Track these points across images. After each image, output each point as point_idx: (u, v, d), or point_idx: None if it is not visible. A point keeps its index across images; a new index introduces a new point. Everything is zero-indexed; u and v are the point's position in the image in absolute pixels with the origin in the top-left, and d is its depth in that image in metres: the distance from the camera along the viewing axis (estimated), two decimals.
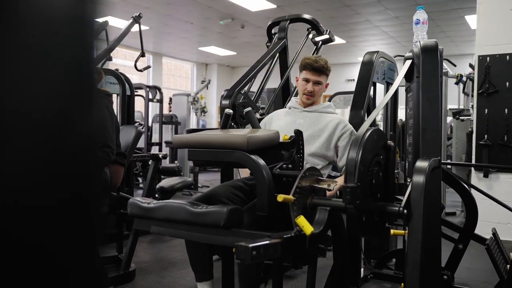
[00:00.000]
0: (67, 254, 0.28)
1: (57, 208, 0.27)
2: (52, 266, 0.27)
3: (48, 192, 0.27)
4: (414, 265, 1.35)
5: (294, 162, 1.59)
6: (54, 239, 0.27)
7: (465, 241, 2.29)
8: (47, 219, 0.27)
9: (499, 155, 3.52)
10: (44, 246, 0.27)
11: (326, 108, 2.16)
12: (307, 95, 2.11)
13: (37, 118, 0.27)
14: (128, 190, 3.21)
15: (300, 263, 1.80)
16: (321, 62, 2.10)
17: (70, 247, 0.28)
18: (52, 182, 0.27)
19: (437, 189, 1.50)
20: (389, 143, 1.60)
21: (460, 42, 8.95)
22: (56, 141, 0.28)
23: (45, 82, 0.28)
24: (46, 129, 0.27)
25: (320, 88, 2.12)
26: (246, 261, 1.15)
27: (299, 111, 2.16)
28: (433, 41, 1.66)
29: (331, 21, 7.49)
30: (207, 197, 1.78)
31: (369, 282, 2.51)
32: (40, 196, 0.27)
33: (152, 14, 7.32)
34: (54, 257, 0.27)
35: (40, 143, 0.27)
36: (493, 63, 3.57)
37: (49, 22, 0.28)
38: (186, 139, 1.68)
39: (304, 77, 2.11)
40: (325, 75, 2.13)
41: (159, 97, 5.94)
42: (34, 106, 0.27)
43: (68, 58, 0.29)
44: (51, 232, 0.27)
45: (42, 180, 0.27)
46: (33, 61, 0.27)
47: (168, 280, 2.51)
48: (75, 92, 0.30)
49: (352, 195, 1.28)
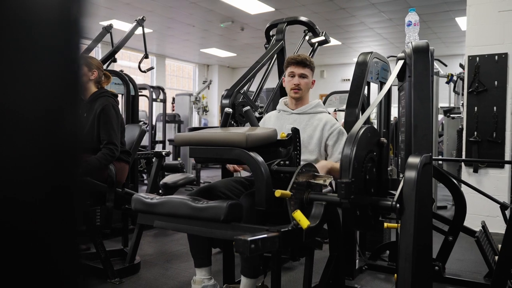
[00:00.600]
0: (52, 245, 0.29)
1: (43, 201, 0.28)
2: (38, 255, 0.28)
3: (34, 187, 0.28)
4: (406, 256, 1.39)
5: (291, 159, 1.63)
6: (41, 230, 0.28)
7: (455, 233, 2.37)
8: (34, 211, 0.28)
9: (488, 151, 3.60)
10: (31, 237, 0.28)
11: (315, 108, 2.16)
12: (294, 89, 2.12)
13: (24, 117, 0.27)
14: (133, 187, 3.27)
15: (298, 255, 1.85)
16: (303, 56, 2.14)
17: (55, 238, 0.29)
18: (38, 177, 0.28)
19: (428, 184, 1.55)
20: (382, 140, 1.65)
21: (450, 43, 9.07)
22: (42, 139, 0.28)
23: (31, 82, 0.28)
24: (32, 128, 0.28)
25: (306, 82, 2.13)
26: (245, 254, 1.19)
27: (288, 114, 2.17)
28: (424, 42, 1.70)
29: (327, 23, 7.58)
30: (208, 189, 1.85)
31: (364, 273, 2.57)
32: (27, 190, 0.27)
33: (155, 17, 7.39)
34: (40, 247, 0.28)
35: (27, 141, 0.27)
36: (482, 63, 3.65)
37: (36, 23, 0.28)
38: (188, 137, 1.72)
39: (290, 71, 2.13)
40: (310, 68, 2.14)
41: (163, 97, 6.03)
42: (21, 105, 0.27)
43: (54, 59, 0.29)
44: (38, 223, 0.28)
45: (30, 175, 0.28)
46: (20, 62, 0.27)
47: (171, 272, 2.57)
48: (60, 91, 0.30)
49: (347, 190, 1.33)
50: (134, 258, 2.53)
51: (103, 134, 2.30)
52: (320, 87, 10.86)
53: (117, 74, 3.46)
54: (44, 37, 0.29)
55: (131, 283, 2.36)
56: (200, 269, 1.94)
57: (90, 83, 2.40)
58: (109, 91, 2.46)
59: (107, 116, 2.31)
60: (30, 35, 0.28)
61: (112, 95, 2.43)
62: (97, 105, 2.35)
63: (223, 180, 1.97)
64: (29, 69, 0.28)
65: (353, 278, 2.43)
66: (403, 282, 1.39)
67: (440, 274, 2.38)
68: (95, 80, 2.42)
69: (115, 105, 2.39)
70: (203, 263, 1.94)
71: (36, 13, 0.28)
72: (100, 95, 2.38)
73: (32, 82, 0.28)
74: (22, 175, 0.27)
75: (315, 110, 2.15)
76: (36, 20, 0.28)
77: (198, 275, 1.94)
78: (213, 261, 2.78)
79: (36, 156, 0.28)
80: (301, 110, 2.15)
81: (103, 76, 2.48)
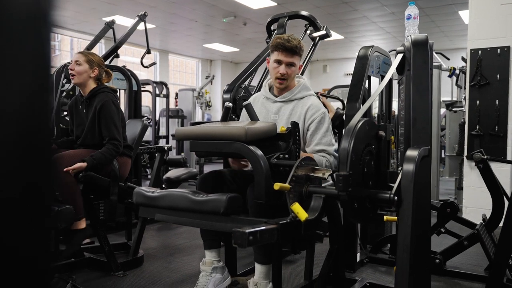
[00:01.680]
0: (24, 238, 0.29)
1: (15, 197, 0.29)
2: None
3: (7, 182, 0.28)
4: (404, 248, 1.40)
5: (290, 152, 1.64)
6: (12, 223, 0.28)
7: (473, 241, 2.34)
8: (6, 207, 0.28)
9: (490, 145, 3.60)
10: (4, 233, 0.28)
11: (300, 93, 2.01)
12: (279, 80, 1.96)
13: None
14: (136, 181, 3.30)
15: (299, 248, 1.87)
16: (294, 42, 1.93)
17: (26, 232, 0.29)
18: (11, 172, 0.28)
19: (426, 176, 1.55)
20: (381, 133, 1.66)
21: (453, 37, 9.01)
22: (14, 134, 0.28)
23: (3, 78, 0.28)
24: (5, 123, 0.28)
25: (293, 70, 1.96)
26: (243, 246, 1.21)
27: (271, 101, 2.05)
28: (423, 36, 1.70)
29: (329, 17, 7.55)
30: (218, 173, 1.89)
31: (365, 266, 2.59)
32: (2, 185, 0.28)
33: (158, 13, 7.41)
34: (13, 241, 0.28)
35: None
36: (484, 57, 3.64)
37: (7, 18, 0.28)
38: (188, 131, 1.74)
39: (276, 59, 1.95)
40: (298, 55, 1.97)
41: (166, 92, 6.07)
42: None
43: (25, 54, 0.29)
44: (10, 218, 0.28)
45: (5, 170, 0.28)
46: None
47: (174, 265, 2.60)
48: (32, 86, 0.30)
49: (344, 183, 1.34)
50: (137, 252, 2.57)
51: (105, 130, 2.32)
52: (323, 82, 10.85)
53: (119, 70, 3.48)
54: (15, 32, 0.29)
55: (135, 276, 2.40)
56: (210, 251, 1.94)
57: (90, 80, 2.41)
58: (108, 86, 2.48)
59: (108, 112, 2.32)
60: (2, 31, 0.28)
61: (111, 90, 2.45)
62: (96, 101, 2.36)
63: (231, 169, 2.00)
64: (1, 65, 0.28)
65: (354, 270, 2.45)
66: (401, 273, 1.40)
67: (440, 267, 2.40)
68: (95, 77, 2.43)
69: (114, 100, 2.40)
70: (213, 244, 1.94)
71: (8, 9, 0.28)
72: (99, 91, 2.39)
73: (2, 77, 0.28)
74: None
75: (300, 95, 2.01)
76: (8, 16, 0.28)
77: (208, 257, 1.94)
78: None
79: (8, 150, 0.28)
80: (285, 97, 2.01)
81: (104, 74, 2.49)
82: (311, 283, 2.07)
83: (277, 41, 1.95)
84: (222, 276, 1.93)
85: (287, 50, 1.93)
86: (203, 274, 1.92)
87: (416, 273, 1.42)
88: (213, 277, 1.90)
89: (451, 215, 2.39)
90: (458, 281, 2.37)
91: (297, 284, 2.15)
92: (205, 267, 1.93)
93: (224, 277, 1.95)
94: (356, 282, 2.17)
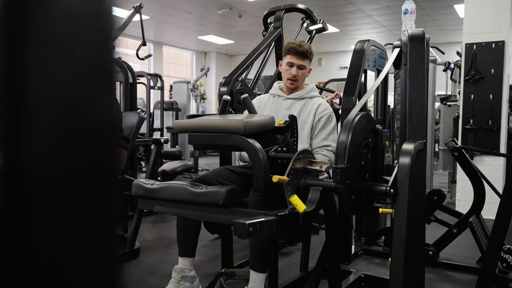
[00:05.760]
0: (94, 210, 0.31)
1: (86, 174, 0.30)
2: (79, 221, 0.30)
3: (77, 162, 0.30)
4: (400, 239, 1.43)
5: (288, 145, 1.66)
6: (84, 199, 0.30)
7: (462, 227, 2.42)
8: (79, 183, 0.30)
9: (483, 139, 3.64)
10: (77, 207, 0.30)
11: (310, 93, 2.18)
12: (291, 80, 2.13)
13: (65, 105, 0.29)
14: (132, 173, 3.30)
15: (295, 240, 1.89)
16: (305, 47, 2.11)
17: (97, 205, 0.31)
18: (80, 153, 0.30)
19: (422, 170, 1.58)
20: (378, 127, 1.68)
21: (448, 31, 9.04)
22: (82, 125, 0.30)
23: (71, 73, 0.29)
24: (73, 115, 0.29)
25: (303, 72, 2.15)
26: (243, 237, 1.22)
27: (283, 99, 2.19)
28: (420, 30, 1.72)
29: (325, 10, 7.53)
30: (201, 180, 1.84)
31: (359, 258, 2.63)
32: (71, 167, 0.29)
33: (152, 4, 7.35)
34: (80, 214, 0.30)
35: (68, 127, 0.29)
36: (479, 51, 3.66)
37: (74, 16, 0.29)
38: (187, 124, 1.74)
39: (288, 61, 2.13)
40: (309, 59, 2.15)
41: (160, 84, 6.02)
42: (62, 94, 0.29)
43: (92, 50, 0.31)
44: (82, 193, 0.30)
45: (73, 152, 0.29)
46: (61, 54, 0.29)
47: (170, 257, 2.62)
48: (96, 81, 0.31)
49: (342, 176, 1.36)
50: (134, 244, 2.58)
51: None
52: (318, 75, 10.83)
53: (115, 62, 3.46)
54: (81, 30, 0.30)
55: (131, 267, 2.41)
56: (183, 258, 1.94)
57: None
58: None
59: None
60: (69, 29, 0.29)
61: None
62: None
63: (215, 170, 1.98)
64: (69, 61, 0.29)
65: (349, 262, 2.48)
66: (396, 264, 1.43)
67: (434, 258, 2.44)
68: None
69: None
70: (187, 252, 1.94)
71: (74, 7, 0.29)
72: None
73: (70, 73, 0.29)
74: (65, 148, 0.29)
75: (309, 94, 2.18)
76: (75, 14, 0.29)
77: (180, 264, 1.94)
78: (212, 246, 2.85)
79: (76, 138, 0.29)
80: (297, 95, 2.17)
81: None
82: (307, 274, 2.10)
83: (290, 46, 2.13)
84: (191, 285, 1.93)
85: (298, 53, 2.10)
86: (172, 281, 1.91)
87: (410, 265, 1.45)
88: (181, 285, 1.90)
89: (438, 203, 2.44)
90: (451, 272, 2.41)
91: (292, 276, 2.18)
92: (175, 274, 1.92)
93: (194, 286, 1.94)
94: (351, 274, 2.20)
